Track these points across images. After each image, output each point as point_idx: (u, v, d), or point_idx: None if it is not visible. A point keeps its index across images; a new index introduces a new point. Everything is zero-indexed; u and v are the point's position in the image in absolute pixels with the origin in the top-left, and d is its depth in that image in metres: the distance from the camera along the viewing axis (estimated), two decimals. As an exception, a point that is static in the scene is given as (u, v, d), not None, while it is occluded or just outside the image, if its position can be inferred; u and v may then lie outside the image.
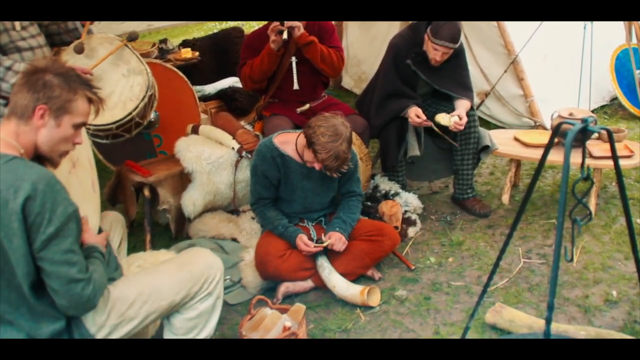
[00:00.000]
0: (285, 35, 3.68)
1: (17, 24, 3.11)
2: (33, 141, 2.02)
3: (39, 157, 2.07)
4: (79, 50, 3.29)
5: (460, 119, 3.74)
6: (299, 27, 3.70)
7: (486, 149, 3.99)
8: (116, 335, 2.15)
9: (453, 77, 3.97)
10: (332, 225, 3.32)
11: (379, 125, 3.99)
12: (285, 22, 3.66)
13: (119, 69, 3.39)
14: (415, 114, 3.78)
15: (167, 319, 2.39)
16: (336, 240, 3.21)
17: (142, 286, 2.23)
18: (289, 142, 3.26)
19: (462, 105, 3.87)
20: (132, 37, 3.51)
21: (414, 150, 3.87)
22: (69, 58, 3.27)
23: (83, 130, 2.17)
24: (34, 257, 1.90)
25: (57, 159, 2.11)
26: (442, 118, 3.78)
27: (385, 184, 4.09)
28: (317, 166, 3.08)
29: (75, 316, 2.07)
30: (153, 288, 2.24)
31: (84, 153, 2.61)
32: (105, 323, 2.11)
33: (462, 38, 3.82)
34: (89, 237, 2.24)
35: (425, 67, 3.90)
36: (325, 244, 3.21)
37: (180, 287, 2.30)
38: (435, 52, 3.74)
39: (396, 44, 3.96)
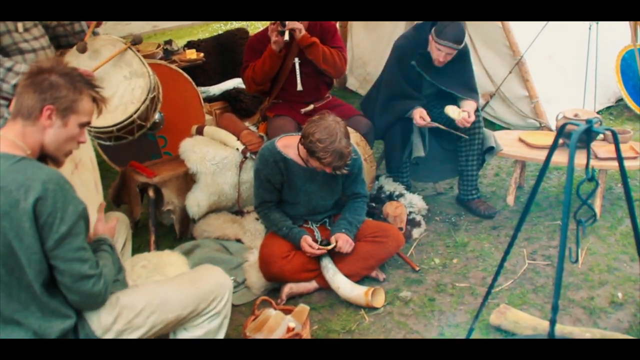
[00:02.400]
0: (286, 37, 3.68)
1: (20, 25, 3.11)
2: (39, 141, 2.04)
3: (43, 157, 2.08)
4: (82, 50, 3.29)
5: (469, 116, 3.74)
6: (300, 28, 3.69)
7: (491, 150, 3.98)
8: None
9: (458, 78, 3.96)
10: (338, 227, 3.31)
11: (384, 126, 3.99)
12: (287, 23, 3.65)
13: (120, 71, 3.39)
14: (419, 115, 3.78)
15: (174, 334, 2.40)
16: (343, 242, 3.21)
17: (151, 296, 2.24)
18: (291, 145, 3.26)
19: (468, 105, 3.87)
20: (136, 41, 3.48)
21: (419, 151, 3.87)
22: (73, 60, 3.28)
23: (86, 134, 2.19)
24: (46, 255, 1.93)
25: (62, 158, 2.14)
26: (453, 111, 3.76)
27: (390, 185, 4.09)
28: (327, 170, 3.08)
29: (81, 318, 2.08)
30: (162, 299, 2.25)
31: (86, 154, 2.63)
32: (111, 328, 2.12)
33: (466, 39, 3.81)
34: (101, 227, 2.29)
35: (430, 68, 3.89)
36: (330, 247, 3.21)
37: (188, 301, 2.31)
38: (439, 52, 3.73)
39: (401, 45, 3.96)
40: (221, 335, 2.48)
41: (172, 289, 2.31)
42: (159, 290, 2.29)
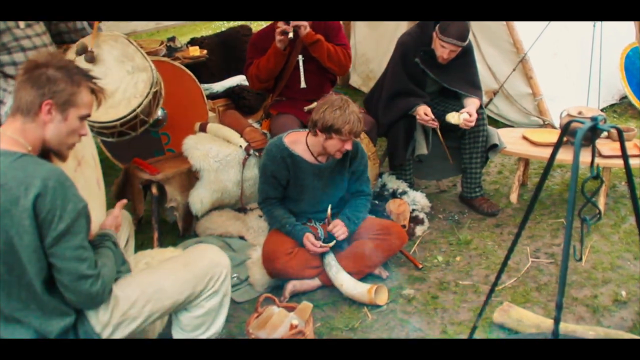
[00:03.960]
0: (291, 35, 3.67)
1: (22, 22, 3.10)
2: (40, 137, 2.02)
3: (46, 152, 2.08)
4: (90, 60, 3.29)
5: (470, 115, 3.72)
6: (305, 26, 3.69)
7: (494, 147, 3.97)
8: (120, 334, 2.15)
9: (462, 75, 3.95)
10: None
11: (387, 124, 3.98)
12: (291, 21, 3.65)
13: (123, 67, 3.39)
14: (423, 111, 3.77)
15: (175, 315, 2.40)
16: (338, 226, 3.21)
17: (145, 285, 2.23)
18: (299, 141, 3.25)
19: (471, 103, 3.85)
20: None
21: (422, 148, 3.86)
22: (75, 56, 3.28)
23: (87, 127, 2.18)
24: (46, 253, 1.92)
25: (66, 152, 2.13)
26: (452, 117, 3.76)
27: (393, 183, 4.08)
28: (348, 146, 3.06)
29: (81, 314, 2.08)
30: (156, 287, 2.24)
31: (89, 151, 2.62)
32: (109, 322, 2.12)
33: (470, 36, 3.80)
34: (107, 221, 2.29)
35: (434, 66, 3.88)
36: (333, 243, 3.20)
37: (184, 286, 2.30)
38: (443, 49, 3.72)
39: (404, 42, 3.95)
40: (223, 314, 2.47)
41: (166, 275, 2.29)
42: (153, 279, 2.27)
